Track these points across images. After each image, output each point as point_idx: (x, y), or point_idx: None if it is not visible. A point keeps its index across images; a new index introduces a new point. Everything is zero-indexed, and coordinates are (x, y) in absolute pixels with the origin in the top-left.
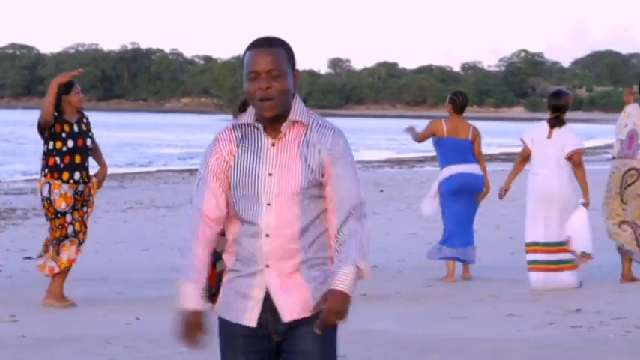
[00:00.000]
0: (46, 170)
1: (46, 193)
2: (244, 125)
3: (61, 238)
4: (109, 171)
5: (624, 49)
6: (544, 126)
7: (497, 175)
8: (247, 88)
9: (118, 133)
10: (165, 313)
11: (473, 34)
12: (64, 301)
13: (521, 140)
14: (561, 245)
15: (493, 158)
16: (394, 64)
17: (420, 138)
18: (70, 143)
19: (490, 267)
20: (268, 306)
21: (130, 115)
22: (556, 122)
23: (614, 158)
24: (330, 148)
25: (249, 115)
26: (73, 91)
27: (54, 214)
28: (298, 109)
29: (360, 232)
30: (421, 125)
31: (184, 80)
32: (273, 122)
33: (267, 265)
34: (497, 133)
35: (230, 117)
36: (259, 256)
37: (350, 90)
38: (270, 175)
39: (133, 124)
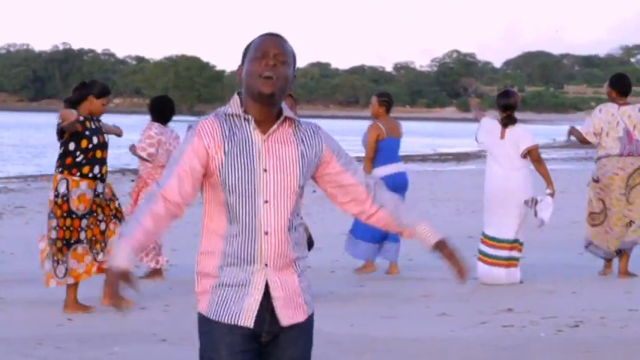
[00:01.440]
0: (63, 167)
1: (63, 190)
2: (232, 116)
3: (71, 242)
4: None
5: (555, 50)
6: (496, 125)
7: (430, 175)
8: (250, 68)
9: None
10: (97, 315)
11: (404, 35)
12: (84, 308)
13: (477, 140)
14: (513, 243)
15: (426, 158)
16: (327, 65)
17: (370, 148)
18: (95, 140)
19: (422, 267)
20: (266, 305)
21: None
22: (509, 121)
23: (600, 158)
24: (326, 142)
25: (234, 106)
26: (103, 99)
27: (65, 213)
28: (287, 108)
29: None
30: (359, 126)
31: (116, 81)
32: (265, 108)
33: (266, 265)
34: (430, 134)
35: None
36: (257, 256)
37: None
38: (265, 170)
39: None
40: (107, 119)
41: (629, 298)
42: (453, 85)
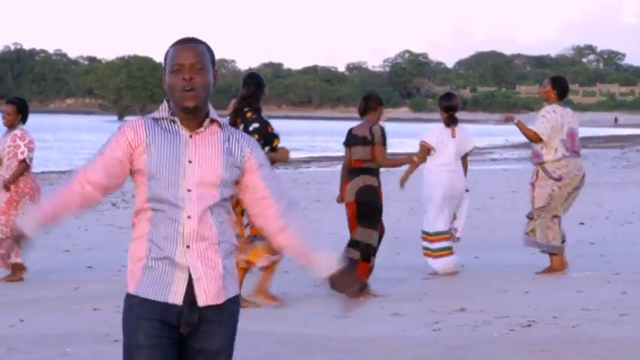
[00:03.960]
0: None
1: None
2: (158, 120)
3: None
4: None
5: (507, 50)
6: (442, 127)
7: (383, 175)
8: (170, 82)
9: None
10: (50, 315)
11: (355, 35)
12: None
13: (424, 142)
14: (449, 234)
15: None
16: (279, 65)
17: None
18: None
19: (376, 267)
20: (188, 290)
21: None
22: (452, 121)
23: (560, 160)
24: (252, 151)
25: (162, 111)
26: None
27: None
28: (213, 111)
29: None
30: (312, 126)
31: (68, 81)
32: (191, 115)
33: (188, 247)
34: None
35: (115, 118)
36: (180, 238)
37: (235, 91)
38: (190, 162)
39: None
40: (60, 119)
41: (582, 297)
42: (405, 85)
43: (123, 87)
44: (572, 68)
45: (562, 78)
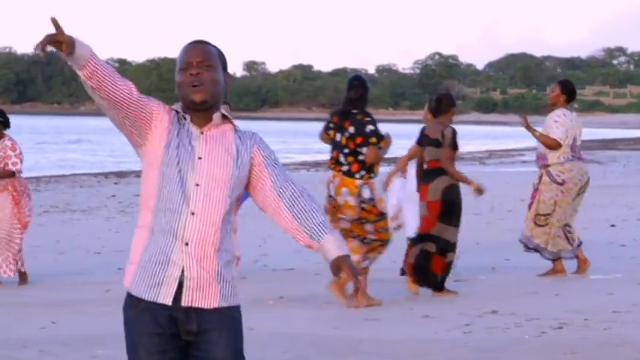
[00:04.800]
0: (363, 172)
1: (367, 195)
2: (178, 113)
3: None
4: (25, 174)
5: (537, 52)
6: None
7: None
8: (178, 80)
9: (32, 136)
10: (81, 317)
11: (385, 37)
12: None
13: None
14: None
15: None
16: (309, 67)
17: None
18: None
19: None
20: (179, 292)
21: (44, 119)
22: None
23: (564, 163)
24: (264, 150)
25: (178, 106)
26: None
27: (379, 216)
28: (226, 111)
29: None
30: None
31: None
32: (200, 112)
33: (187, 244)
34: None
35: None
36: (180, 233)
37: (265, 93)
38: (200, 158)
39: (46, 127)
40: (91, 122)
41: (612, 299)
42: (435, 87)
43: (153, 89)
44: (603, 70)
45: (570, 81)
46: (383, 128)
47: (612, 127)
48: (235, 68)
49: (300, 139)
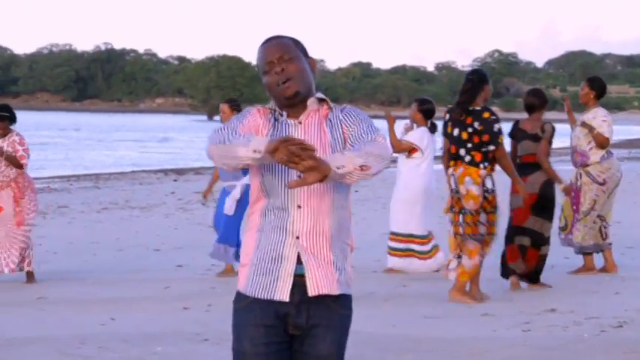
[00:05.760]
0: (487, 163)
1: (490, 185)
2: (271, 111)
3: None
4: (85, 171)
5: (597, 49)
6: (425, 130)
7: None
8: (266, 82)
9: (93, 133)
10: (140, 314)
11: (443, 35)
12: (472, 298)
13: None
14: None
15: None
16: (368, 65)
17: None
18: None
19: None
20: (295, 286)
21: (104, 116)
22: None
23: (601, 162)
24: (350, 125)
25: (272, 104)
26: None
27: (493, 208)
28: (319, 94)
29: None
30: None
31: (158, 80)
32: (296, 105)
33: (298, 237)
34: None
35: (204, 117)
36: (290, 228)
37: (324, 90)
38: None
39: (107, 124)
40: (150, 119)
41: None
42: (495, 84)
43: (212, 87)
44: None
45: (598, 78)
46: (441, 126)
47: None
48: None
49: None
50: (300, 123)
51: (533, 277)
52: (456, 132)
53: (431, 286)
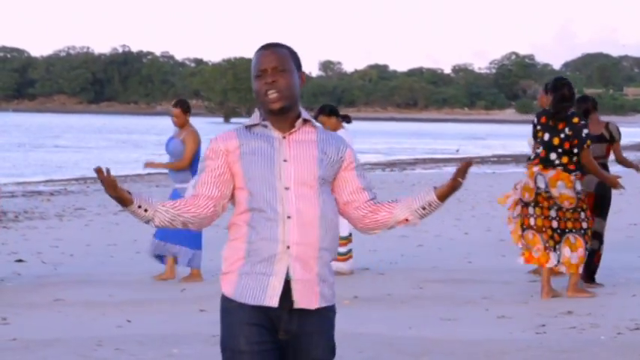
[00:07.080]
0: (578, 171)
1: (579, 187)
2: (251, 127)
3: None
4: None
5: (615, 52)
6: None
7: (489, 177)
8: (255, 88)
9: (110, 135)
10: (157, 316)
11: (460, 37)
12: (583, 292)
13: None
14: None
15: (485, 160)
16: (385, 67)
17: None
18: None
19: (481, 269)
20: (285, 293)
21: (120, 118)
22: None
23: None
24: (350, 148)
25: (254, 118)
26: None
27: (587, 205)
28: (305, 112)
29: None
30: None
31: (175, 83)
32: (281, 116)
33: (288, 247)
34: (489, 136)
35: (221, 120)
36: (280, 238)
37: (341, 92)
38: (285, 160)
39: (123, 126)
40: (167, 122)
41: None
42: (511, 86)
43: (229, 89)
44: None
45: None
46: (457, 128)
47: None
48: (311, 68)
49: (375, 139)
50: (284, 138)
51: (589, 275)
52: (546, 137)
53: (447, 288)
